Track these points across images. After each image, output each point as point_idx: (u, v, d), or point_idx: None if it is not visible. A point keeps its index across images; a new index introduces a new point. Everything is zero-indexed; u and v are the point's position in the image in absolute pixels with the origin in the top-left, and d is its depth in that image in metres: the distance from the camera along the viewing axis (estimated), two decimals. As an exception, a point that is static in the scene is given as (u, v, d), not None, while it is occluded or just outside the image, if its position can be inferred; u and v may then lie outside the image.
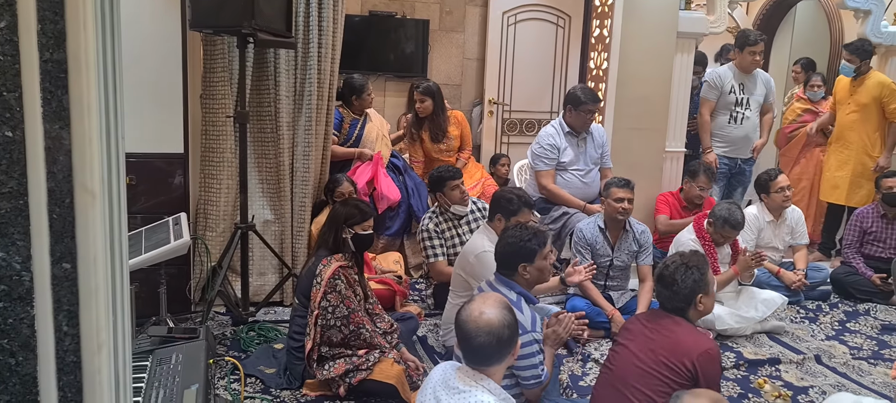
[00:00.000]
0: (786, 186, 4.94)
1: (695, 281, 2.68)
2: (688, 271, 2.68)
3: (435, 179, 4.34)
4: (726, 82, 5.45)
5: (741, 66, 5.45)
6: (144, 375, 2.01)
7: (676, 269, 2.69)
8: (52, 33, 0.94)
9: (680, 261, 2.73)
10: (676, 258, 2.77)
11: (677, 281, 2.67)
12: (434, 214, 4.36)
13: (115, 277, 1.10)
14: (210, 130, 4.06)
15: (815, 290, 5.02)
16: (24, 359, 1.00)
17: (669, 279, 2.69)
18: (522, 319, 2.66)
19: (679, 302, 2.69)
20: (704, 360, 2.55)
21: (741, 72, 5.47)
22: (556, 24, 6.63)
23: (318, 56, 4.19)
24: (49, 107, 0.95)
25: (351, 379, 3.21)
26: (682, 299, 2.68)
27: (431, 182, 4.39)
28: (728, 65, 5.67)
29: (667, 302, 2.73)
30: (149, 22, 3.69)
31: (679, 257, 2.77)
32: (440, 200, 4.33)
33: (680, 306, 2.70)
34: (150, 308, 3.61)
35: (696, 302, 2.70)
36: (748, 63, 5.42)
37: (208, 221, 4.13)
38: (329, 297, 3.19)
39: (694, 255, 2.81)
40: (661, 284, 2.74)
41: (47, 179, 0.96)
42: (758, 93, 5.52)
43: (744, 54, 5.40)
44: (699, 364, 2.54)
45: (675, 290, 2.68)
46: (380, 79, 6.74)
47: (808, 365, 3.94)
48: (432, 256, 4.26)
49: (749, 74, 5.49)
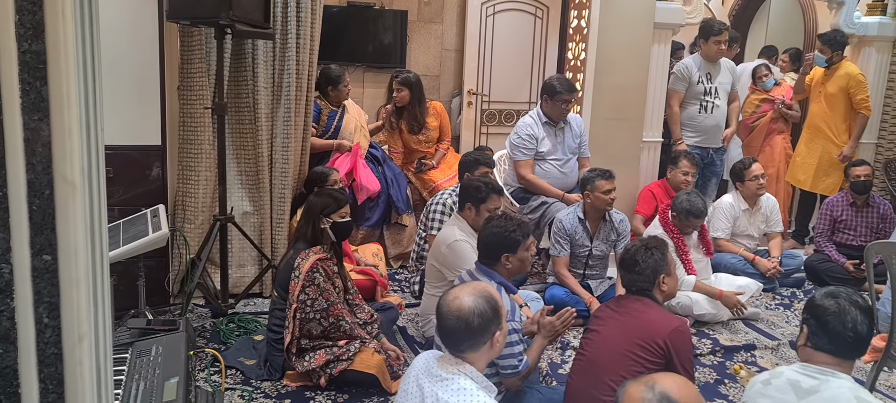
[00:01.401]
0: (760, 174, 5.01)
1: (656, 262, 2.76)
2: (648, 252, 2.77)
3: (470, 161, 4.37)
4: (694, 73, 5.50)
5: (707, 55, 5.51)
6: (124, 367, 2.00)
7: (637, 251, 2.78)
8: (31, 24, 0.93)
9: (640, 244, 2.82)
10: (636, 243, 2.86)
11: (638, 262, 2.75)
12: (454, 193, 4.35)
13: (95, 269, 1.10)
14: (188, 122, 4.03)
15: (790, 277, 5.10)
16: (3, 352, 1.00)
17: (631, 261, 2.78)
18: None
19: (642, 283, 2.77)
20: (675, 337, 2.62)
21: (707, 62, 5.53)
22: (534, 14, 6.65)
23: (296, 47, 4.17)
24: (28, 98, 0.94)
25: (332, 370, 3.21)
26: (645, 280, 2.76)
27: (464, 163, 4.42)
28: (693, 55, 5.72)
29: (631, 284, 2.81)
30: (125, 13, 3.66)
31: (639, 241, 2.87)
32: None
33: (643, 287, 2.77)
34: (129, 300, 3.58)
35: (658, 282, 2.78)
36: (714, 53, 5.47)
37: (187, 213, 4.10)
38: (308, 291, 3.18)
39: (653, 239, 2.91)
40: (623, 268, 2.83)
41: (26, 171, 0.95)
42: (724, 81, 5.59)
43: (709, 44, 5.46)
44: (670, 341, 2.60)
45: (638, 271, 2.76)
46: (358, 70, 6.73)
47: (782, 351, 4.01)
48: (435, 230, 4.28)
49: (715, 63, 5.55)
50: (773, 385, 2.15)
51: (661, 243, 2.86)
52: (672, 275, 2.82)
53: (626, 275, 2.81)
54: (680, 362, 2.60)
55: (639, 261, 2.75)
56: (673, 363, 2.60)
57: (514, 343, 2.73)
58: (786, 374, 2.15)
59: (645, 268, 2.75)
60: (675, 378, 1.78)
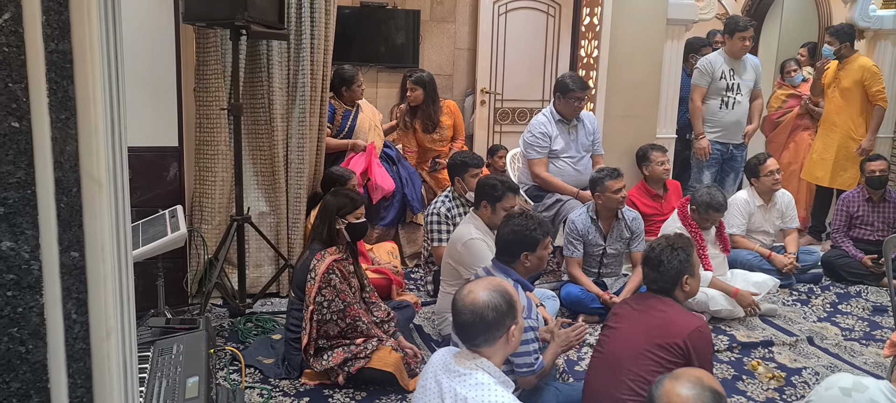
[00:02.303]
0: (775, 170, 4.99)
1: (681, 262, 2.73)
2: (673, 252, 2.73)
3: (458, 164, 4.35)
4: (717, 68, 5.48)
5: (731, 51, 5.48)
6: (147, 365, 2.02)
7: (662, 251, 2.74)
8: (57, 24, 0.95)
9: (665, 243, 2.78)
10: (662, 240, 2.82)
11: (663, 262, 2.72)
12: (448, 198, 4.38)
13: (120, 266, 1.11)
14: (204, 123, 4.06)
15: (807, 273, 5.07)
16: (33, 347, 1.02)
17: (656, 260, 2.74)
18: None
19: (666, 283, 2.74)
20: (696, 338, 2.59)
21: (731, 58, 5.50)
22: (546, 12, 6.64)
23: (310, 47, 4.19)
24: (55, 97, 0.96)
25: (349, 368, 3.23)
26: (668, 280, 2.73)
27: (453, 166, 4.40)
28: (718, 51, 5.70)
29: (653, 283, 2.77)
30: (142, 15, 3.69)
31: (664, 239, 2.83)
32: (458, 185, 4.35)
33: (667, 287, 2.74)
34: (148, 300, 3.62)
35: (682, 282, 2.75)
36: (738, 49, 5.44)
37: (204, 214, 4.13)
38: (324, 292, 3.20)
39: (679, 238, 2.86)
40: (647, 266, 2.78)
41: (54, 169, 0.97)
42: (748, 78, 5.56)
43: (734, 40, 5.43)
44: (690, 341, 2.58)
45: (662, 271, 2.72)
46: (371, 70, 6.74)
47: (800, 347, 3.99)
48: (436, 240, 4.28)
49: (739, 60, 5.52)
50: (853, 398, 2.05)
51: (688, 242, 2.82)
52: (695, 276, 2.79)
53: (650, 274, 2.77)
54: (700, 363, 2.58)
55: (664, 261, 2.72)
56: (692, 364, 2.58)
57: (529, 341, 2.73)
58: (871, 392, 2.04)
59: (669, 268, 2.71)
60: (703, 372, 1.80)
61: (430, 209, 4.40)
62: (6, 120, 0.94)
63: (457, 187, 4.36)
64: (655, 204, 5.08)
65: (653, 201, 5.09)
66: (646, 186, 5.12)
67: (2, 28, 0.92)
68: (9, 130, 0.95)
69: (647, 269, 2.78)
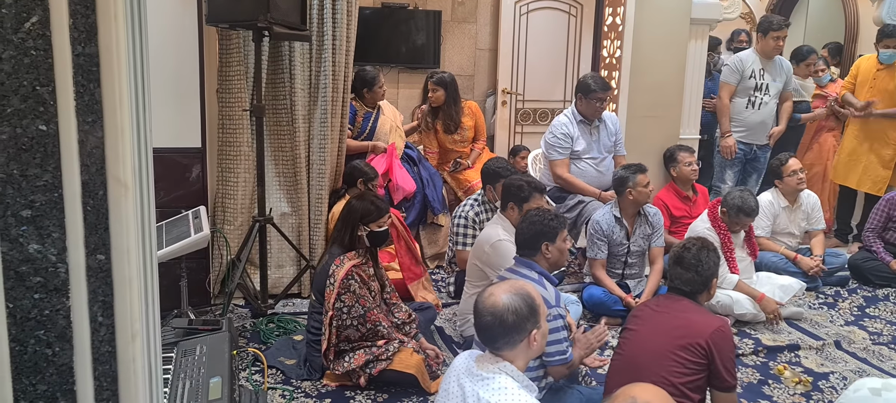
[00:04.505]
0: (798, 169, 4.91)
1: (714, 263, 2.72)
2: (709, 254, 2.71)
3: (491, 172, 4.29)
4: (747, 66, 5.41)
5: (764, 51, 5.41)
6: (170, 366, 2.03)
7: (700, 251, 2.71)
8: (84, 27, 0.95)
9: (701, 244, 2.75)
10: (696, 240, 2.79)
11: (701, 261, 2.69)
12: (476, 202, 4.37)
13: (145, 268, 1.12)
14: (227, 124, 4.08)
15: (834, 276, 4.99)
16: (60, 350, 1.02)
17: (693, 260, 2.70)
18: (546, 295, 2.71)
19: (699, 285, 2.71)
20: (718, 337, 2.57)
21: (763, 58, 5.43)
22: (568, 12, 6.60)
23: (332, 49, 4.20)
24: (82, 100, 0.96)
25: (371, 370, 3.22)
26: (702, 282, 2.71)
27: (487, 173, 4.36)
28: (750, 49, 5.62)
29: (685, 283, 2.73)
30: (166, 17, 3.71)
31: (698, 240, 2.80)
32: (489, 193, 4.32)
33: (698, 288, 2.72)
34: (171, 301, 3.64)
35: (711, 285, 2.73)
36: (771, 48, 5.37)
37: (226, 215, 4.15)
38: (343, 298, 3.19)
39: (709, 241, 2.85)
40: (681, 266, 2.73)
41: (81, 172, 0.97)
42: (778, 80, 5.48)
43: (767, 39, 5.35)
44: (713, 341, 2.56)
45: (699, 271, 2.69)
46: (393, 70, 6.75)
47: (827, 351, 3.93)
48: (461, 244, 4.27)
49: (770, 60, 5.45)
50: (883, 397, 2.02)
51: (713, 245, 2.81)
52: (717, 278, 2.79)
53: (685, 274, 2.72)
54: (722, 363, 2.56)
55: (701, 261, 2.69)
56: (715, 364, 2.56)
57: (559, 329, 2.74)
58: None
59: (705, 270, 2.69)
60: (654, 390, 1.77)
61: (459, 211, 4.39)
62: (34, 123, 0.95)
63: (487, 194, 4.35)
64: (685, 207, 5.04)
65: (682, 203, 5.04)
66: (675, 188, 5.08)
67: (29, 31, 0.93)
68: (36, 133, 0.95)
69: (681, 270, 2.73)
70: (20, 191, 0.96)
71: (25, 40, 0.93)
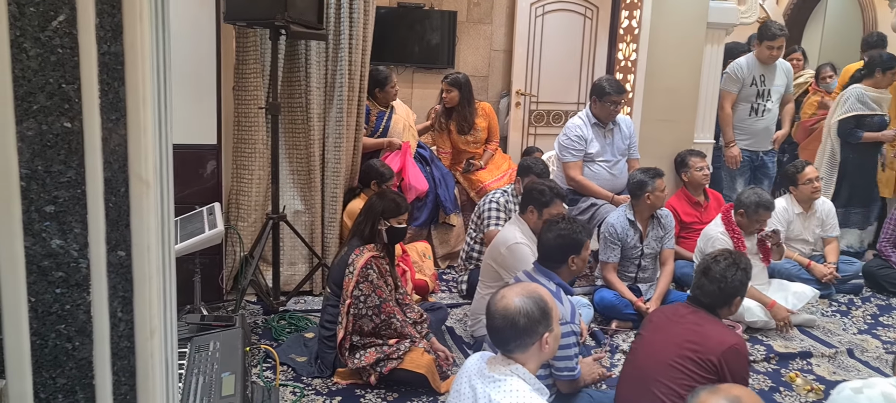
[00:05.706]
0: (814, 178, 4.88)
1: (741, 283, 2.66)
2: (737, 271, 2.66)
3: (527, 167, 4.42)
4: (748, 73, 5.38)
5: (759, 58, 5.38)
6: (184, 361, 2.05)
7: (729, 266, 2.66)
8: (110, 26, 0.96)
9: (731, 259, 2.69)
10: (726, 255, 2.73)
11: (727, 278, 2.64)
12: (506, 193, 4.46)
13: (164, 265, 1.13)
14: (242, 121, 4.10)
15: (847, 284, 4.96)
16: (80, 344, 1.03)
17: (720, 275, 2.65)
18: (562, 310, 2.68)
19: (719, 301, 2.66)
20: (730, 356, 2.52)
21: (761, 64, 5.40)
22: (583, 15, 6.60)
23: (348, 48, 4.21)
24: (106, 98, 0.97)
25: (382, 368, 3.24)
26: (725, 298, 2.66)
27: (523, 168, 4.47)
28: (748, 55, 5.57)
29: (706, 296, 2.68)
30: (184, 14, 3.74)
31: (729, 254, 2.74)
32: (518, 186, 4.39)
33: (718, 304, 2.67)
34: (184, 296, 3.66)
35: (732, 302, 2.68)
36: (765, 57, 5.34)
37: (240, 211, 4.18)
38: (361, 286, 3.22)
39: (742, 257, 2.78)
40: (706, 278, 2.68)
41: (104, 169, 0.98)
42: (779, 85, 5.44)
43: (762, 48, 5.32)
44: (725, 359, 2.50)
45: (722, 287, 2.64)
46: (407, 70, 6.76)
47: (840, 359, 3.91)
48: (492, 224, 4.32)
49: (769, 66, 5.41)
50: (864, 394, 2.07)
51: (748, 263, 2.75)
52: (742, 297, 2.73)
53: (708, 286, 2.67)
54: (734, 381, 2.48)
55: (728, 278, 2.64)
56: (725, 381, 2.48)
57: (570, 346, 2.71)
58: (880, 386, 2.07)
59: (729, 287, 2.64)
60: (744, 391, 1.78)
61: (489, 197, 4.48)
62: (59, 120, 0.96)
63: (517, 186, 4.39)
64: (696, 212, 5.02)
65: (693, 209, 5.02)
66: (686, 193, 5.06)
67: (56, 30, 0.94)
68: (61, 130, 0.97)
69: (706, 281, 2.68)
70: (44, 186, 0.97)
71: (52, 38, 0.94)
